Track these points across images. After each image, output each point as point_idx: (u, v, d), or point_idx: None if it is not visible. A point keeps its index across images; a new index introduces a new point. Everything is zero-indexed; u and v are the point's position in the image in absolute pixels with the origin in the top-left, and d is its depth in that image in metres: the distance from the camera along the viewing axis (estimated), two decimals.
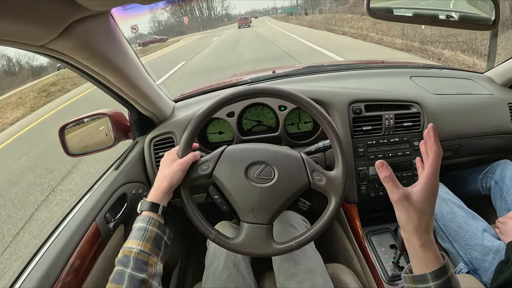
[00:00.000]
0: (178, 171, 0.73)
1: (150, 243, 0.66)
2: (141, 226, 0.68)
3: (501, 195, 1.13)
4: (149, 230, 0.67)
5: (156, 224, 0.68)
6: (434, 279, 0.54)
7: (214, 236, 0.75)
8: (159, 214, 0.70)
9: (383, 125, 1.12)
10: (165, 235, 0.70)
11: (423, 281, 0.54)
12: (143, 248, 0.65)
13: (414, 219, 0.53)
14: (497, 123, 1.24)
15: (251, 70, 2.07)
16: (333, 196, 0.74)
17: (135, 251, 0.64)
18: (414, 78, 1.32)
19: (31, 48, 0.59)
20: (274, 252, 0.73)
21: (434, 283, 0.54)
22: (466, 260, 1.01)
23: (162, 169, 0.75)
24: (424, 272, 0.54)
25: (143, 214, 0.70)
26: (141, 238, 0.66)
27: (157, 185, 0.73)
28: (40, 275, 0.70)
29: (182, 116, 1.12)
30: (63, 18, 0.54)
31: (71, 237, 0.80)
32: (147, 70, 0.96)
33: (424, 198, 0.53)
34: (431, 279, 0.54)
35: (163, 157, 0.78)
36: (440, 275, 0.54)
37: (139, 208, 0.71)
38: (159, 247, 0.68)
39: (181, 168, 0.74)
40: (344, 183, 0.74)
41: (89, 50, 0.67)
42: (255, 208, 0.73)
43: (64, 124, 1.04)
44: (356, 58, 7.34)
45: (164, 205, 0.72)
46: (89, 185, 0.99)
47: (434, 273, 0.54)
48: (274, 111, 1.11)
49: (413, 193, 0.54)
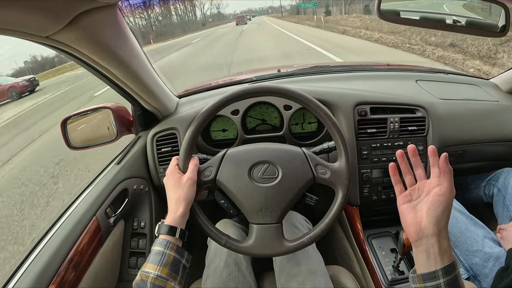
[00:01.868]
0: (191, 187, 0.73)
1: (168, 267, 0.65)
2: (158, 250, 0.67)
3: (503, 203, 1.12)
4: (166, 254, 0.66)
5: (174, 248, 0.68)
6: (445, 275, 0.53)
7: (225, 242, 0.74)
8: (176, 237, 0.69)
9: (388, 128, 1.11)
10: (183, 258, 0.69)
11: (433, 279, 0.54)
12: (160, 273, 0.64)
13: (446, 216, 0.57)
14: (501, 130, 1.23)
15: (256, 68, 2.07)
16: (340, 188, 0.74)
17: (152, 276, 0.63)
18: (420, 82, 1.32)
19: (36, 39, 0.58)
20: (287, 250, 0.73)
21: (444, 279, 0.53)
22: (467, 265, 1.00)
23: (173, 191, 0.73)
24: (434, 269, 0.54)
25: (161, 237, 0.69)
26: (158, 263, 0.65)
27: (174, 209, 0.71)
28: (38, 270, 0.69)
29: (186, 112, 1.11)
30: (69, 9, 0.53)
31: (71, 232, 0.80)
32: (152, 65, 0.95)
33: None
34: (442, 275, 0.54)
35: (167, 177, 0.76)
36: (450, 271, 0.54)
37: (157, 231, 0.70)
38: (177, 271, 0.67)
39: (192, 182, 0.73)
40: (349, 174, 0.74)
41: (95, 42, 0.66)
42: (262, 209, 0.72)
43: (66, 117, 1.04)
44: None
45: (182, 227, 0.71)
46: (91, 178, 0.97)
47: (445, 269, 0.54)
48: (279, 110, 1.10)
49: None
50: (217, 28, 43.95)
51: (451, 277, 0.54)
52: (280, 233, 0.73)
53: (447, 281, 0.53)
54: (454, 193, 0.58)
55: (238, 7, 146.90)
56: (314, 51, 8.91)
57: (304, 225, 0.94)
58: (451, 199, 0.58)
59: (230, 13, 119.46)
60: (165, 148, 1.08)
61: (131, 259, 1.04)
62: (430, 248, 0.55)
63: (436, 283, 0.54)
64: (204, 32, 37.03)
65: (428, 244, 0.56)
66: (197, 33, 35.82)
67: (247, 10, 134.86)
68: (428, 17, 0.94)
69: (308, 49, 9.37)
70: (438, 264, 0.54)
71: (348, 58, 7.51)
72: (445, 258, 0.54)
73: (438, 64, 6.17)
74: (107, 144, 1.07)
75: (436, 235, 0.55)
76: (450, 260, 0.54)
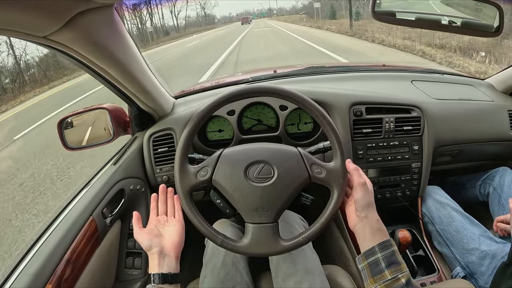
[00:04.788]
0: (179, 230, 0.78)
1: None
2: None
3: (499, 202, 1.13)
4: None
5: None
6: (381, 250, 0.64)
7: (221, 241, 0.74)
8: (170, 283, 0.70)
9: (383, 128, 1.12)
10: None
11: (372, 254, 0.65)
12: None
13: (371, 198, 0.72)
14: (496, 130, 1.25)
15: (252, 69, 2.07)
16: (335, 187, 0.74)
17: None
18: (415, 83, 1.33)
19: (33, 39, 0.58)
20: (283, 249, 0.73)
21: (381, 254, 0.64)
22: (463, 264, 1.01)
23: (159, 238, 0.75)
24: (372, 245, 0.65)
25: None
26: None
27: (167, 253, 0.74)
28: (35, 270, 0.69)
29: (182, 113, 1.12)
30: (67, 9, 0.53)
31: (68, 232, 0.79)
32: (149, 65, 0.96)
33: (371, 189, 0.74)
34: (379, 251, 0.64)
35: (148, 227, 0.78)
36: (386, 247, 0.64)
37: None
38: None
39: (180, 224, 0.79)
40: (344, 173, 0.74)
41: (92, 43, 0.66)
42: (258, 208, 0.73)
43: (63, 118, 1.04)
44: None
45: (173, 271, 0.72)
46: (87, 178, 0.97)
47: (381, 244, 0.65)
48: (275, 111, 1.11)
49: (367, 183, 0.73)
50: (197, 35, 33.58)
51: (388, 252, 0.64)
52: (276, 233, 0.74)
53: (384, 255, 0.63)
54: (365, 183, 0.72)
55: (234, 8, 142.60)
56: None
57: (300, 224, 0.94)
58: (366, 188, 0.72)
59: (226, 15, 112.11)
60: (162, 149, 1.09)
61: (128, 259, 1.04)
62: (366, 230, 0.68)
63: (375, 258, 0.64)
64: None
65: (364, 228, 0.69)
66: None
67: (243, 12, 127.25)
68: (424, 17, 0.94)
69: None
70: (375, 242, 0.65)
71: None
72: (377, 236, 0.67)
73: (433, 64, 6.21)
74: (103, 145, 1.07)
75: (364, 218, 0.69)
76: (385, 238, 0.66)
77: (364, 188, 0.71)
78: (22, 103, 10.84)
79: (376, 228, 0.68)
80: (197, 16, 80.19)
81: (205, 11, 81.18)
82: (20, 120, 8.13)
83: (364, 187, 0.71)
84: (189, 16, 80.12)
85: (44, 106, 8.83)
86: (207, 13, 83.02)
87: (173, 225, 0.78)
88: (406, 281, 0.60)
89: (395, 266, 0.62)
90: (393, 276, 0.61)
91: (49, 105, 8.67)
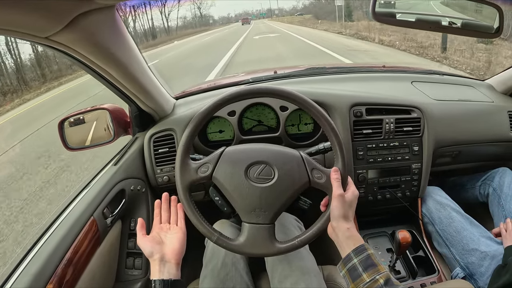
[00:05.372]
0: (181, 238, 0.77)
1: None
2: None
3: (498, 202, 1.14)
4: None
5: None
6: (357, 255, 0.66)
7: (217, 238, 0.75)
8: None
9: (384, 129, 1.12)
10: None
11: (349, 260, 0.66)
12: None
13: (347, 209, 0.71)
14: (496, 131, 1.25)
15: (252, 70, 2.06)
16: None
17: None
18: (415, 83, 1.33)
19: (35, 40, 0.58)
20: (278, 251, 0.73)
21: (357, 259, 0.65)
22: (463, 264, 1.01)
23: (161, 245, 0.75)
24: (348, 252, 0.67)
25: None
26: None
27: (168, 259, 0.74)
28: (36, 270, 0.69)
29: (183, 114, 1.12)
30: (69, 10, 0.54)
31: (68, 232, 0.80)
32: (150, 66, 0.96)
33: (353, 199, 0.73)
34: (354, 256, 0.66)
35: (151, 235, 0.78)
36: (361, 251, 0.66)
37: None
38: None
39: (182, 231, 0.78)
40: (344, 179, 0.74)
41: (94, 43, 0.67)
42: (256, 208, 0.73)
43: (63, 118, 1.04)
44: None
45: (173, 278, 0.71)
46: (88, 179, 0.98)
47: (356, 250, 0.66)
48: (275, 112, 1.11)
49: (347, 194, 0.73)
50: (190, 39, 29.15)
51: (363, 257, 0.65)
52: (271, 234, 0.74)
53: (360, 260, 0.65)
54: (341, 194, 0.71)
55: (233, 8, 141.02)
56: None
57: (295, 226, 0.94)
58: (341, 200, 0.71)
59: (225, 16, 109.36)
60: (162, 149, 1.09)
61: (128, 260, 1.04)
62: (339, 239, 0.70)
63: (352, 263, 0.66)
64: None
65: (337, 237, 0.70)
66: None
67: (242, 13, 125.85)
68: (424, 19, 0.94)
69: None
70: (349, 249, 0.67)
71: None
72: (350, 243, 0.68)
73: (433, 65, 6.20)
74: (104, 145, 1.07)
75: (336, 228, 0.70)
76: (359, 243, 0.67)
77: (339, 200, 0.70)
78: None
79: (347, 236, 0.69)
80: (194, 17, 77.97)
81: (201, 12, 79.00)
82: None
83: (339, 198, 0.70)
84: (185, 17, 77.01)
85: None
86: (203, 14, 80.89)
87: (175, 233, 0.78)
88: (384, 281, 0.62)
89: (372, 268, 0.64)
90: (371, 279, 0.63)
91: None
